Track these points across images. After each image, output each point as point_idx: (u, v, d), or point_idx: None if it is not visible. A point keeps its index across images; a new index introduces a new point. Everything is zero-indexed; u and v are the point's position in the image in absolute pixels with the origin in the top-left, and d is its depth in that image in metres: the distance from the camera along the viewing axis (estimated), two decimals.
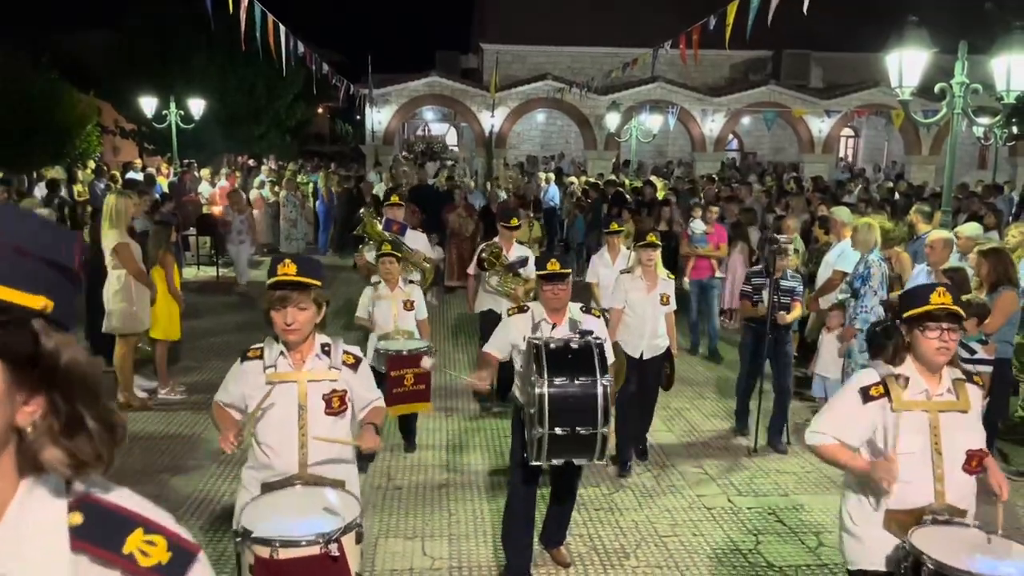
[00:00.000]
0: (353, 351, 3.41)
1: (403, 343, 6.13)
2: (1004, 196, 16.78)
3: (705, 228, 9.80)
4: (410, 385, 5.92)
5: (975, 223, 8.52)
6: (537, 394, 3.90)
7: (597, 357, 4.00)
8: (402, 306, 6.34)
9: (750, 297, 6.88)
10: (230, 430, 3.24)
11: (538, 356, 3.99)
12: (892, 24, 8.35)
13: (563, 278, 4.41)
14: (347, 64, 26.99)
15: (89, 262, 8.43)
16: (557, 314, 4.48)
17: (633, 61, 16.89)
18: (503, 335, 4.61)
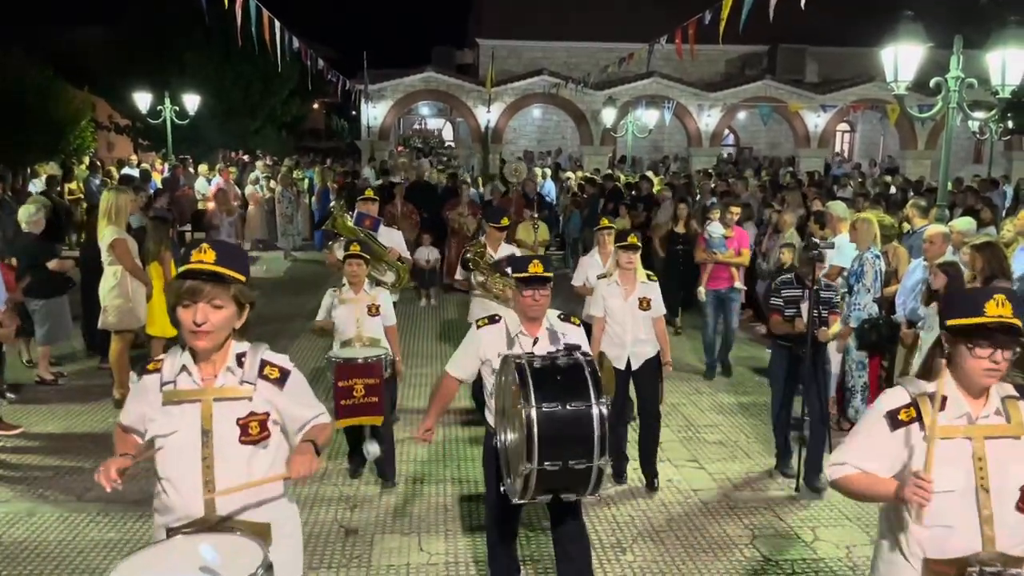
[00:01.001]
0: (278, 361, 2.78)
1: (358, 350, 5.65)
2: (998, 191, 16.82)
3: (724, 231, 8.64)
4: (360, 397, 5.38)
5: (969, 218, 8.54)
6: (523, 423, 3.33)
7: (590, 376, 3.45)
8: (366, 311, 5.82)
9: (780, 311, 5.94)
10: (114, 462, 2.62)
11: (522, 376, 3.39)
12: (888, 19, 8.36)
13: (545, 282, 3.93)
14: (342, 59, 26.91)
15: (85, 258, 8.44)
16: (534, 324, 4.02)
17: (629, 56, 16.88)
18: (471, 351, 4.12)
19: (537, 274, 3.91)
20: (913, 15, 7.87)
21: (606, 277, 6.05)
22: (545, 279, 3.93)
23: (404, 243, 7.77)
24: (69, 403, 7.44)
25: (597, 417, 3.38)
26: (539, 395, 3.34)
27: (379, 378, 5.44)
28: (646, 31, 17.06)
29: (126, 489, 5.75)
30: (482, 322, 4.16)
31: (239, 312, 2.67)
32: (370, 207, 7.68)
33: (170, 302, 2.63)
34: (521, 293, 3.96)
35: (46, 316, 7.79)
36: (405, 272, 7.47)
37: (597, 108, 25.75)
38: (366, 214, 7.40)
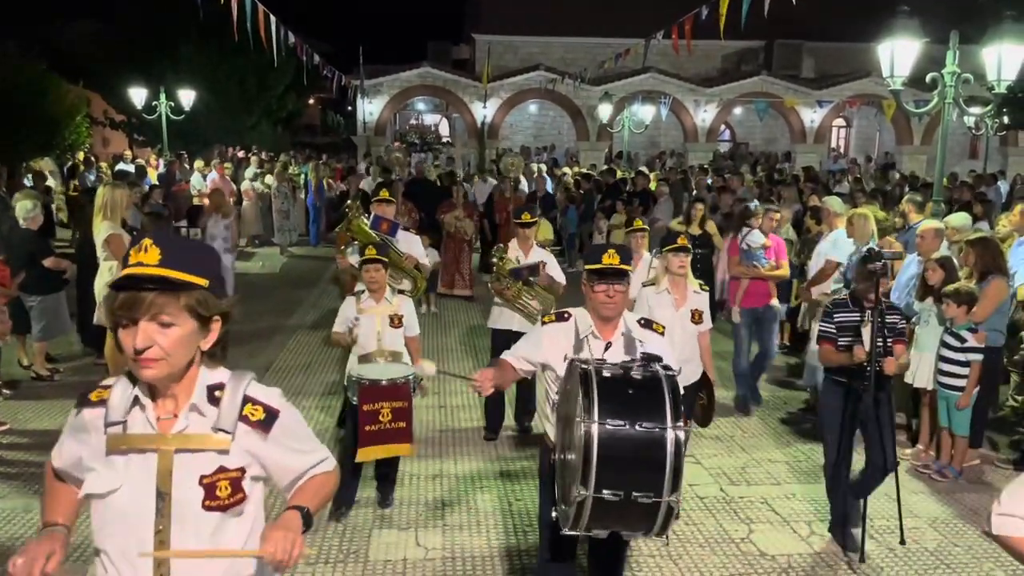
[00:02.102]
0: (264, 398, 2.09)
1: (382, 368, 5.12)
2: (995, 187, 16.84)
3: (764, 241, 7.52)
4: (387, 422, 4.89)
5: (963, 213, 8.55)
6: (581, 437, 2.83)
7: (670, 394, 2.91)
8: (388, 322, 5.31)
9: (833, 339, 4.88)
10: (38, 554, 1.98)
11: (586, 384, 2.91)
12: (884, 14, 8.36)
13: (621, 276, 3.38)
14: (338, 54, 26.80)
15: (81, 254, 8.42)
16: (608, 326, 3.48)
17: (625, 51, 16.87)
18: (531, 347, 3.63)
19: (612, 266, 3.37)
20: (909, 10, 7.87)
21: (653, 284, 5.56)
22: (621, 272, 3.40)
23: (422, 248, 7.19)
24: (65, 399, 7.41)
25: (672, 443, 2.83)
26: (604, 408, 2.84)
27: (407, 400, 4.96)
28: (643, 26, 17.07)
29: None
30: (548, 318, 3.67)
31: (202, 329, 1.98)
32: (386, 209, 6.99)
33: (108, 321, 1.99)
34: (592, 288, 3.42)
35: (42, 312, 7.77)
36: (422, 280, 6.93)
37: (593, 104, 25.73)
38: (383, 217, 6.79)
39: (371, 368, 5.11)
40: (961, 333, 5.82)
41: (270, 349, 9.09)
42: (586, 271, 3.49)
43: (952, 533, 5.19)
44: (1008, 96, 9.18)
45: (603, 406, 2.85)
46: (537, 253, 6.62)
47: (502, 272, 6.45)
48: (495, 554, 4.87)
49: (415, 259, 6.84)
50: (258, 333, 9.81)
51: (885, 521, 5.33)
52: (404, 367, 5.16)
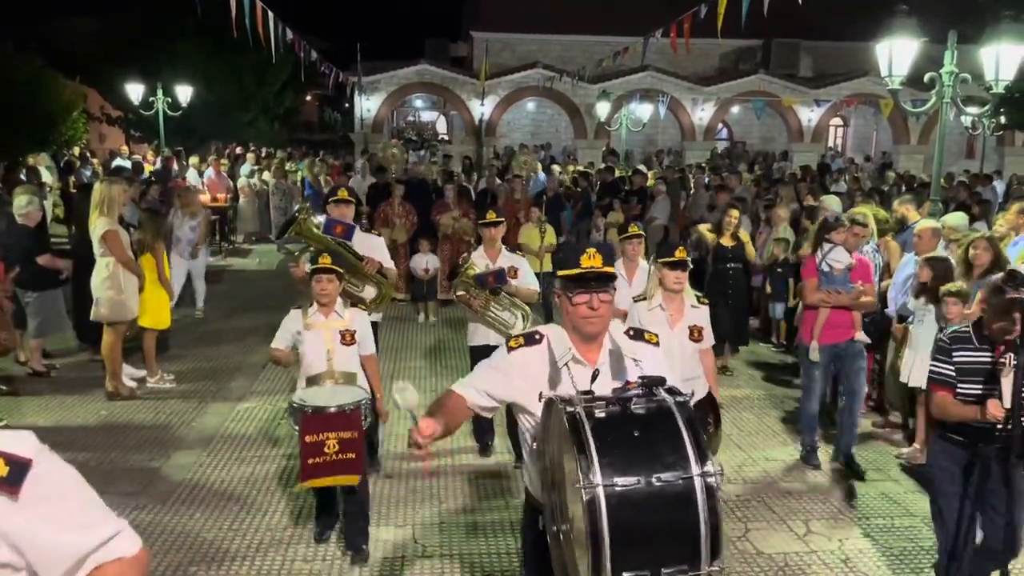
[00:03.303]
0: (10, 447, 1.51)
1: (330, 393, 4.48)
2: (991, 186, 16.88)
3: (849, 261, 6.11)
4: (333, 453, 4.29)
5: (960, 213, 8.57)
6: (584, 509, 2.19)
7: (686, 427, 2.30)
8: (338, 338, 4.67)
9: (951, 384, 3.86)
10: None
11: (578, 435, 2.26)
12: (882, 13, 8.36)
13: (606, 282, 2.72)
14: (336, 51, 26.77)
15: (77, 250, 8.40)
16: (592, 345, 2.80)
17: (624, 50, 16.86)
18: (495, 380, 2.88)
19: (594, 270, 2.69)
20: (908, 10, 7.88)
21: (644, 299, 4.98)
22: (606, 277, 2.71)
23: (386, 251, 6.14)
24: (61, 395, 7.41)
25: (702, 492, 2.22)
26: (607, 464, 2.21)
27: (357, 430, 4.36)
28: (641, 24, 17.05)
29: (119, 480, 5.78)
30: (515, 341, 2.89)
31: None
32: (344, 211, 5.97)
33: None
34: (571, 300, 2.72)
35: (39, 309, 7.75)
36: (389, 288, 5.96)
37: (591, 102, 25.72)
38: (337, 220, 5.81)
39: (317, 392, 4.51)
40: None
41: (267, 345, 9.04)
42: (560, 279, 2.78)
43: None
44: (1006, 96, 9.19)
45: (605, 460, 2.21)
46: (506, 258, 6.00)
47: (466, 280, 5.80)
48: (493, 552, 4.87)
49: (377, 263, 5.83)
50: (255, 330, 9.79)
51: (883, 520, 5.35)
52: (355, 391, 4.55)
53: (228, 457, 6.15)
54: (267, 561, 4.69)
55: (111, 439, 6.40)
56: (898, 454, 6.43)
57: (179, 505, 5.35)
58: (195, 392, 7.59)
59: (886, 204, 10.73)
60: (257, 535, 5.00)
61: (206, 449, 6.27)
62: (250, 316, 10.57)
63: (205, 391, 7.61)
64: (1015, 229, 7.39)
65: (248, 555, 4.75)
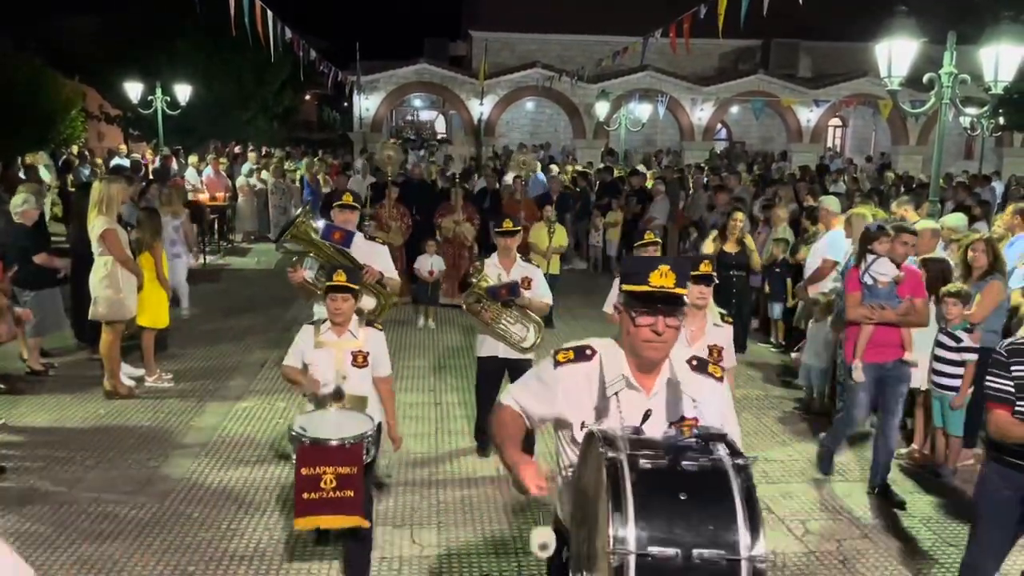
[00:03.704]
0: None
1: (334, 421, 4.11)
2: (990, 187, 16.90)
3: (896, 274, 5.55)
4: (330, 490, 3.94)
5: (959, 214, 8.58)
6: (611, 573, 1.97)
7: (742, 501, 2.02)
8: (350, 359, 4.34)
9: (1010, 403, 3.55)
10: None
11: (616, 486, 2.02)
12: (881, 14, 8.37)
13: (677, 304, 2.43)
14: (335, 50, 26.77)
15: (76, 249, 8.39)
16: (651, 373, 2.52)
17: (624, 49, 16.87)
18: (542, 398, 2.65)
19: (665, 290, 2.38)
20: (907, 10, 7.88)
21: None
22: (677, 300, 2.42)
23: (389, 260, 5.82)
24: (59, 394, 7.40)
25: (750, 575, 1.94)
26: (644, 526, 1.96)
27: (358, 465, 3.96)
28: (640, 24, 17.06)
29: (117, 479, 5.77)
30: (564, 355, 2.62)
31: None
32: (348, 216, 5.70)
33: None
34: (633, 320, 2.43)
35: (36, 308, 7.73)
36: (388, 298, 5.70)
37: (590, 101, 25.73)
38: (336, 226, 5.54)
39: (320, 420, 4.14)
40: (957, 333, 5.83)
41: (266, 345, 9.06)
42: (624, 294, 2.50)
43: (946, 532, 5.20)
44: (1004, 97, 9.19)
45: (643, 523, 1.96)
46: (520, 268, 5.83)
47: (478, 291, 5.62)
48: (490, 551, 4.87)
49: (376, 272, 5.51)
50: (253, 329, 9.79)
51: (881, 521, 5.35)
52: (361, 421, 4.14)
53: (226, 457, 6.14)
54: (265, 561, 4.69)
55: (109, 438, 6.39)
56: (897, 454, 6.42)
57: (177, 505, 5.34)
58: (193, 391, 7.58)
59: (884, 205, 10.74)
60: (255, 535, 4.99)
61: (204, 449, 6.27)
62: (249, 316, 10.56)
63: (203, 390, 7.60)
64: (1011, 230, 7.41)
65: (246, 555, 4.75)
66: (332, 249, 5.33)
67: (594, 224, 14.05)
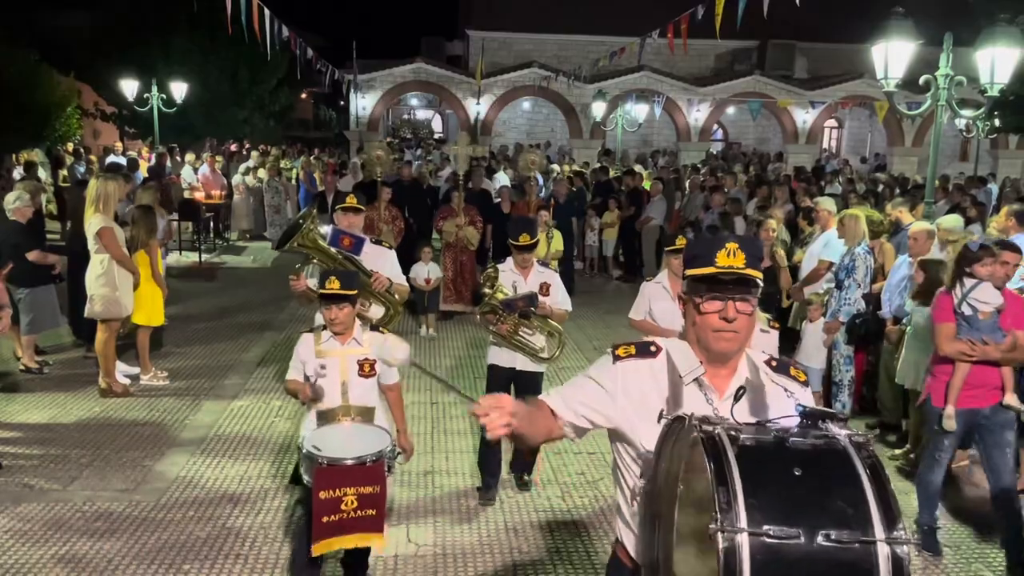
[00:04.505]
0: None
1: (347, 437, 3.90)
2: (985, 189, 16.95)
3: (998, 302, 4.69)
4: (351, 511, 3.73)
5: (955, 215, 8.59)
6: (720, 558, 1.63)
7: (869, 477, 1.72)
8: (356, 368, 4.09)
9: None
10: None
11: (717, 461, 1.72)
12: (877, 15, 8.38)
13: (748, 287, 2.17)
14: (331, 49, 26.78)
15: (72, 247, 8.37)
16: (724, 369, 2.25)
17: (621, 50, 16.88)
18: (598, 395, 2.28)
19: (734, 270, 2.12)
20: (903, 12, 7.89)
21: None
22: (749, 282, 2.16)
23: (397, 265, 5.58)
24: (54, 392, 7.39)
25: (888, 564, 1.64)
26: (755, 505, 1.65)
27: (380, 483, 3.77)
28: (637, 24, 17.08)
29: (112, 477, 5.75)
30: (625, 350, 2.31)
31: None
32: (352, 220, 5.45)
33: None
34: (698, 307, 2.19)
35: (31, 305, 7.72)
36: (398, 306, 5.43)
37: (587, 101, 25.72)
38: (345, 232, 5.25)
39: (332, 437, 3.90)
40: None
41: (262, 343, 9.05)
42: (687, 280, 2.24)
43: (940, 534, 5.20)
44: (1001, 99, 9.21)
45: (753, 501, 1.65)
46: (538, 275, 5.46)
47: (493, 303, 5.26)
48: (486, 550, 4.87)
49: (386, 280, 5.27)
50: (250, 327, 9.78)
51: None
52: (377, 435, 3.94)
53: (222, 455, 6.13)
54: (260, 559, 4.68)
55: (104, 436, 6.38)
56: (891, 455, 6.44)
57: (172, 503, 5.33)
58: (189, 390, 7.56)
59: (879, 206, 10.77)
60: (251, 533, 4.99)
61: (200, 447, 6.25)
62: (244, 314, 10.55)
63: (199, 389, 7.59)
64: (1005, 232, 7.43)
65: (242, 553, 4.74)
66: (341, 256, 5.05)
67: (589, 225, 14.05)
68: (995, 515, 4.89)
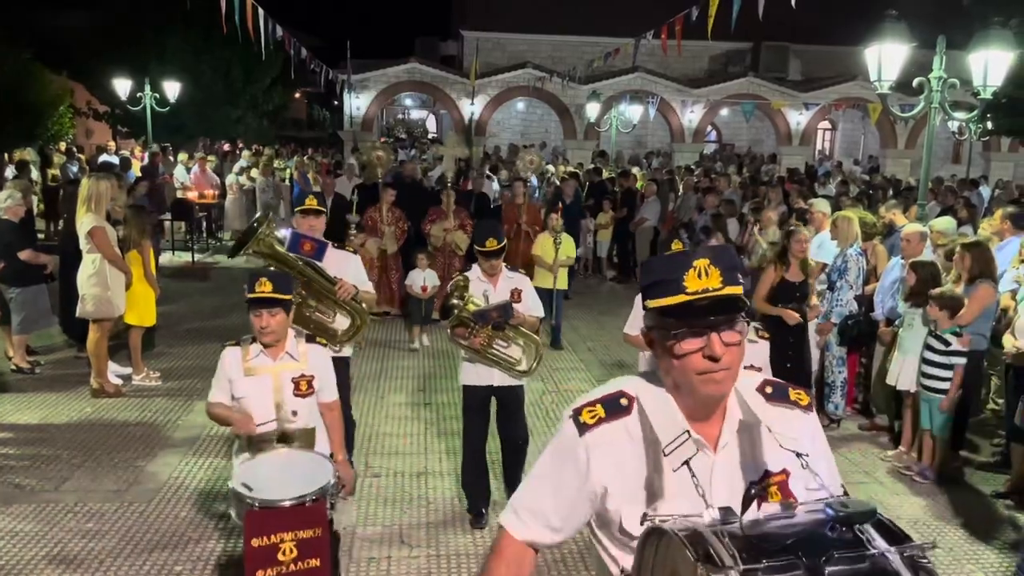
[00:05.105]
0: None
1: (283, 466, 3.43)
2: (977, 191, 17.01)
3: None
4: (290, 561, 3.20)
5: (948, 217, 8.63)
6: None
7: None
8: (290, 387, 3.62)
9: None
10: None
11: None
12: (870, 18, 8.41)
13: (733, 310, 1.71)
14: (326, 48, 26.69)
15: (64, 246, 8.33)
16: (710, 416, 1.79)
17: (615, 51, 16.89)
18: (561, 493, 1.86)
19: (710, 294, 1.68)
20: (897, 15, 7.92)
21: None
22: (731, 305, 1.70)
23: (363, 270, 5.20)
24: (46, 392, 7.35)
25: None
26: None
27: (321, 525, 3.24)
28: (631, 25, 17.09)
29: (103, 478, 5.73)
30: (591, 413, 1.80)
31: None
32: (312, 223, 5.00)
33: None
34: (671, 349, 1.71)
35: (22, 305, 7.68)
36: (365, 317, 4.95)
37: (581, 102, 25.72)
38: (306, 235, 4.86)
39: (264, 470, 3.39)
40: (946, 337, 5.86)
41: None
42: (652, 313, 1.75)
43: (933, 534, 5.22)
44: (993, 102, 9.25)
45: None
46: (507, 281, 5.00)
47: (464, 316, 4.82)
48: (480, 552, 4.86)
49: (351, 288, 4.82)
50: (243, 327, 9.70)
51: None
52: (317, 466, 3.41)
53: (214, 456, 6.11)
54: None
55: (96, 437, 6.35)
56: (884, 457, 6.46)
57: (164, 504, 5.31)
58: (181, 390, 7.54)
59: (873, 208, 10.79)
60: (243, 535, 4.96)
61: (192, 448, 6.23)
62: (237, 314, 10.48)
63: (191, 389, 7.56)
64: (998, 234, 7.47)
65: (234, 555, 4.72)
66: (301, 263, 4.69)
67: (585, 225, 14.05)
68: None
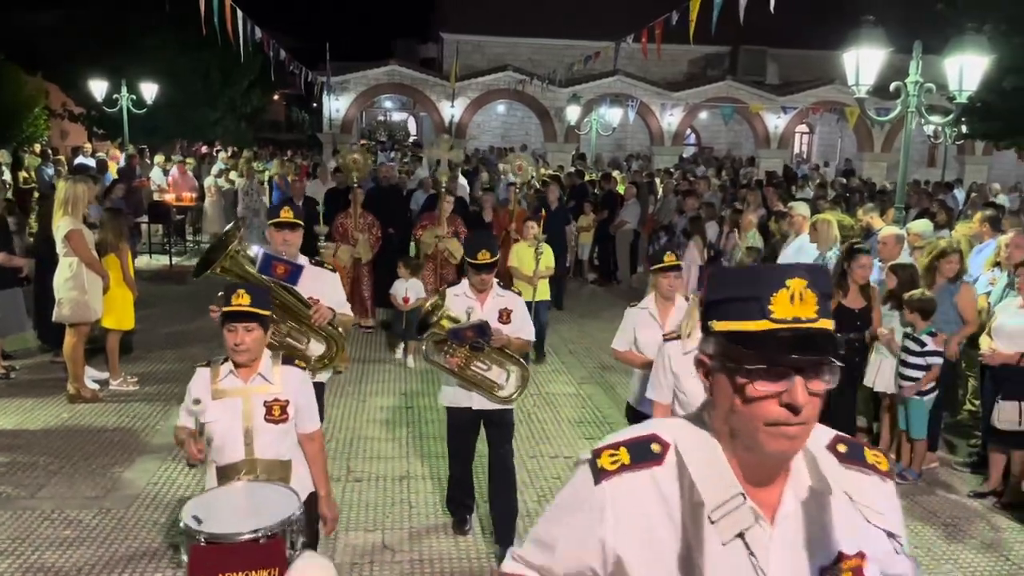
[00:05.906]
0: None
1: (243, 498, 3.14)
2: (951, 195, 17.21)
3: None
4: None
5: (925, 220, 8.73)
6: None
7: None
8: (262, 412, 3.27)
9: None
10: None
11: None
12: (848, 22, 8.49)
13: (827, 350, 1.35)
14: (305, 50, 26.57)
15: (39, 250, 8.23)
16: (771, 480, 1.44)
17: (595, 54, 16.95)
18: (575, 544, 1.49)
19: (801, 325, 1.33)
20: (874, 20, 8.00)
21: (677, 338, 3.86)
22: (826, 345, 1.36)
23: (341, 291, 4.75)
24: (21, 398, 7.25)
25: None
26: None
27: (278, 566, 2.84)
28: (610, 29, 17.17)
29: (80, 485, 5.65)
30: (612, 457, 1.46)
31: None
32: (288, 237, 4.47)
33: None
34: (742, 391, 1.36)
35: None
36: (342, 342, 4.54)
37: (561, 105, 25.80)
38: (279, 258, 4.32)
39: (223, 502, 3.07)
40: (921, 338, 5.92)
41: None
42: (719, 338, 1.41)
43: (910, 535, 5.28)
44: (968, 106, 9.37)
45: None
46: (497, 299, 4.65)
47: (438, 333, 4.48)
48: (463, 556, 4.85)
49: (327, 311, 4.36)
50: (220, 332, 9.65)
51: None
52: (280, 498, 3.06)
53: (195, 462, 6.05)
54: None
55: (73, 443, 6.27)
56: None
57: (142, 510, 5.25)
58: (159, 395, 7.46)
59: (851, 211, 10.90)
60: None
61: (171, 453, 6.16)
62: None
63: (169, 394, 7.48)
64: (978, 237, 7.57)
65: None
66: (275, 286, 4.15)
67: (569, 232, 14.05)
68: None
